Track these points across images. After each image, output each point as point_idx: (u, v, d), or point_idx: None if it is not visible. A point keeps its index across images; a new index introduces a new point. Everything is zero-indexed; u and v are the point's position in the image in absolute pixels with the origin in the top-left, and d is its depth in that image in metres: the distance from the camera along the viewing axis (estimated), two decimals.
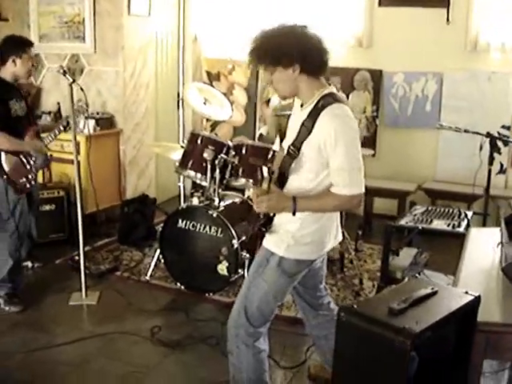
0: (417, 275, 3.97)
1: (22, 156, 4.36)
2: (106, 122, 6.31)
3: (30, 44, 4.35)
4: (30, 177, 4.41)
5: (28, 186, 4.40)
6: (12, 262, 4.38)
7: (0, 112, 4.19)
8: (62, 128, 4.50)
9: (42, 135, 4.46)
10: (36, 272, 5.11)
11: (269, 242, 2.88)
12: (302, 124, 2.68)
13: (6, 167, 4.28)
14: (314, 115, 2.64)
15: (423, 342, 2.01)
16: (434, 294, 2.25)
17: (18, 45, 4.29)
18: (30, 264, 5.08)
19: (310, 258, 2.88)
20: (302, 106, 2.80)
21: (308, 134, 2.65)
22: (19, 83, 4.43)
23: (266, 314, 2.93)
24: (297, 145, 2.69)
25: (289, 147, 2.73)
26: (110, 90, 6.46)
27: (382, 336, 2.01)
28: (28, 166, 4.39)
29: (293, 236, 2.79)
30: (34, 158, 4.42)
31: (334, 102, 2.65)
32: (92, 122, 6.04)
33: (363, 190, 2.67)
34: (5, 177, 4.26)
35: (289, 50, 2.60)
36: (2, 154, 4.28)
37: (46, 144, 4.45)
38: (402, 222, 4.08)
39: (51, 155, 4.72)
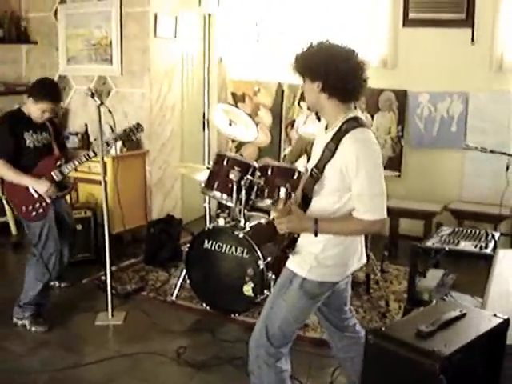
0: (444, 297, 3.93)
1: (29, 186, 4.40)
2: (132, 144, 6.37)
3: (46, 99, 4.31)
4: (37, 205, 4.40)
5: (34, 214, 4.39)
6: (41, 286, 4.44)
7: (10, 144, 4.27)
8: (83, 159, 4.54)
9: (64, 164, 4.51)
10: (63, 292, 5.16)
11: (292, 262, 2.89)
12: (326, 146, 2.70)
13: (7, 195, 4.40)
14: (337, 138, 2.66)
15: (452, 365, 2.00)
16: (463, 316, 2.23)
17: (36, 91, 4.34)
18: (57, 284, 5.13)
19: (332, 280, 2.88)
20: (326, 128, 2.82)
21: (331, 157, 2.66)
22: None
23: (288, 335, 2.93)
24: (319, 167, 2.71)
25: (312, 169, 2.75)
26: (136, 111, 6.53)
27: (410, 359, 2.00)
28: (36, 195, 4.39)
29: (315, 257, 2.80)
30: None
31: (357, 126, 2.67)
32: (119, 144, 6.10)
33: (385, 216, 2.67)
34: (10, 204, 4.35)
35: (314, 65, 2.68)
36: (5, 182, 4.38)
37: (64, 173, 4.49)
38: (429, 244, 4.06)
39: (74, 183, 4.74)
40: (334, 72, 2.65)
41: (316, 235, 2.69)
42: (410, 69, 6.42)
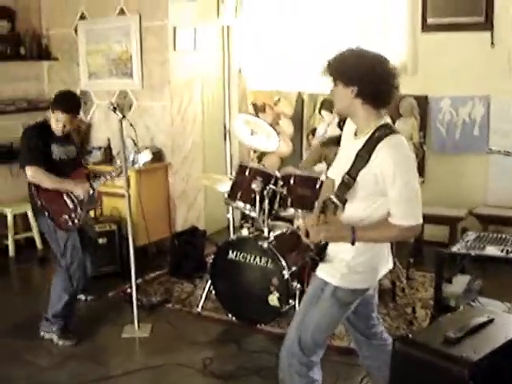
0: (471, 303, 3.89)
1: (64, 195, 4.43)
2: (154, 156, 6.38)
3: (57, 108, 4.37)
4: (72, 215, 4.44)
5: (70, 224, 4.44)
6: (67, 298, 4.47)
7: (42, 153, 4.32)
8: (113, 175, 4.60)
9: (93, 179, 4.55)
10: (89, 305, 5.19)
11: (322, 271, 2.88)
12: (358, 154, 2.69)
13: (44, 204, 4.39)
14: (370, 146, 2.65)
15: (481, 371, 1.98)
16: (491, 321, 2.21)
17: (54, 102, 4.42)
18: (83, 297, 5.16)
19: (363, 287, 2.87)
20: (355, 134, 2.81)
21: (364, 164, 2.65)
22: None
23: (319, 343, 2.93)
24: (352, 174, 2.68)
25: (343, 176, 2.72)
26: (157, 124, 6.57)
27: (438, 365, 1.98)
28: (71, 206, 4.44)
29: (347, 265, 2.79)
30: (79, 198, 4.46)
31: (390, 132, 2.67)
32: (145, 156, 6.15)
33: (421, 221, 2.68)
34: (46, 214, 4.37)
35: (349, 70, 2.66)
36: (40, 191, 4.38)
37: (94, 188, 4.52)
38: (455, 249, 4.03)
39: (100, 197, 4.79)
40: (370, 77, 2.65)
41: (353, 244, 2.67)
42: (431, 74, 6.39)
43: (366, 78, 2.64)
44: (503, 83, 6.11)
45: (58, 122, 4.37)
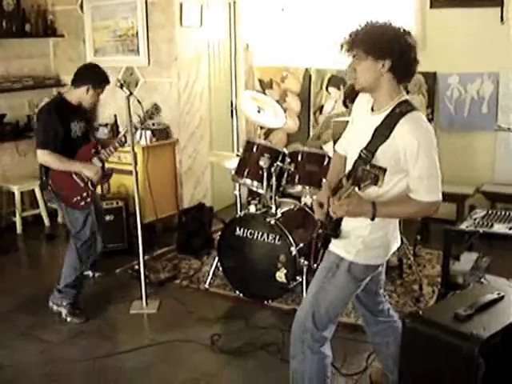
0: (482, 280, 3.89)
1: (74, 175, 4.42)
2: (161, 133, 6.39)
3: (107, 81, 4.46)
4: (84, 195, 4.45)
5: (83, 203, 4.44)
6: (79, 270, 4.50)
7: (61, 134, 4.30)
8: (117, 145, 4.57)
9: (101, 151, 4.54)
10: (97, 281, 5.21)
11: (337, 247, 2.88)
12: (377, 129, 2.66)
13: (55, 185, 4.39)
14: (391, 121, 2.63)
15: (491, 348, 1.98)
16: (501, 299, 2.21)
17: (99, 77, 4.42)
18: (90, 273, 5.18)
19: (377, 263, 2.90)
20: (372, 110, 2.77)
21: (385, 140, 2.62)
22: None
23: (333, 318, 2.94)
24: (371, 149, 2.65)
25: (361, 151, 2.68)
26: (164, 101, 6.53)
27: (448, 343, 1.99)
28: (82, 184, 4.44)
29: (363, 241, 2.80)
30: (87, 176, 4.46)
31: (412, 109, 2.65)
32: (148, 133, 6.14)
33: (441, 198, 2.68)
34: (58, 195, 4.38)
35: (390, 43, 2.60)
36: (51, 173, 4.38)
37: (103, 159, 4.52)
38: (462, 227, 4.01)
39: (112, 170, 4.77)
40: (401, 51, 2.60)
41: (373, 219, 2.66)
42: (439, 50, 6.32)
43: (399, 51, 2.59)
44: None
45: (96, 96, 4.42)
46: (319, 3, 6.74)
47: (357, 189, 2.50)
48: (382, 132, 2.64)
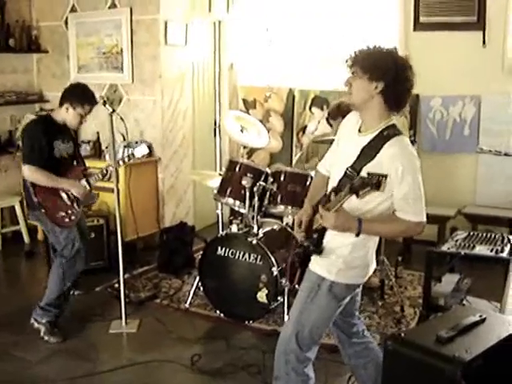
0: (463, 302, 3.90)
1: (61, 192, 4.40)
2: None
3: (89, 102, 4.39)
4: (69, 212, 4.42)
5: (67, 220, 4.41)
6: (62, 288, 4.45)
7: (44, 151, 4.27)
8: (100, 176, 4.56)
9: (90, 176, 4.53)
10: (77, 300, 5.13)
11: (318, 266, 2.89)
12: (363, 149, 2.72)
13: (41, 201, 4.34)
14: (378, 143, 2.70)
15: (473, 371, 1.97)
16: (483, 321, 2.21)
17: (78, 97, 4.37)
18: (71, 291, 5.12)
19: (357, 282, 2.93)
20: (359, 130, 2.82)
21: (370, 160, 2.68)
22: None
23: (316, 339, 2.94)
24: (356, 168, 2.71)
25: (347, 169, 2.74)
26: (147, 119, 6.54)
27: (430, 365, 1.97)
28: (68, 202, 4.42)
29: (344, 260, 2.82)
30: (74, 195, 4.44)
31: (398, 133, 2.73)
32: (131, 151, 6.10)
33: (425, 219, 2.74)
34: (43, 210, 4.34)
35: (386, 68, 2.66)
36: (37, 188, 4.33)
37: (91, 184, 4.49)
38: (444, 248, 4.03)
39: (98, 194, 4.76)
40: (397, 79, 2.68)
41: (358, 235, 2.70)
42: (422, 72, 6.23)
43: (393, 77, 2.67)
44: (494, 83, 6.12)
45: (77, 116, 4.36)
46: (304, 25, 6.79)
47: (354, 197, 2.51)
48: (369, 152, 2.71)
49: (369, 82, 2.70)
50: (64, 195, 4.40)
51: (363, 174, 2.64)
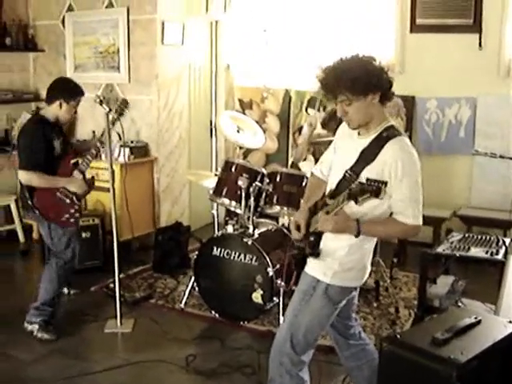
0: (458, 304, 3.90)
1: (58, 193, 4.37)
2: (140, 151, 6.37)
3: (81, 94, 4.42)
4: (72, 211, 4.42)
5: (73, 220, 4.43)
6: (62, 287, 4.51)
7: (43, 153, 4.26)
8: (94, 152, 4.47)
9: (80, 163, 4.48)
10: (72, 299, 5.14)
11: (314, 269, 2.89)
12: (363, 151, 2.72)
13: (43, 210, 4.34)
14: (377, 145, 2.69)
15: (468, 373, 1.97)
16: (478, 323, 2.21)
17: (69, 91, 4.38)
18: (66, 291, 5.10)
19: (353, 285, 2.92)
20: (359, 134, 2.81)
21: (370, 162, 2.68)
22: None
23: (311, 342, 2.94)
24: (356, 170, 2.70)
25: (346, 172, 2.73)
26: (143, 118, 6.53)
27: (426, 366, 1.98)
28: (67, 201, 4.40)
29: (340, 263, 2.81)
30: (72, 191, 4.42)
31: (398, 134, 2.72)
32: (127, 151, 6.10)
33: (421, 223, 2.74)
34: (37, 212, 4.33)
35: (373, 78, 2.64)
36: (36, 196, 4.32)
37: (83, 170, 4.46)
38: (439, 250, 4.03)
39: (93, 177, 4.69)
40: (382, 77, 2.68)
41: (357, 236, 2.70)
42: (418, 74, 6.39)
43: (383, 80, 2.68)
44: (490, 85, 6.14)
45: (71, 109, 4.37)
46: (300, 26, 6.79)
47: (352, 203, 2.51)
48: (369, 154, 2.70)
49: (364, 98, 2.66)
50: (61, 195, 4.37)
51: (363, 177, 2.63)
